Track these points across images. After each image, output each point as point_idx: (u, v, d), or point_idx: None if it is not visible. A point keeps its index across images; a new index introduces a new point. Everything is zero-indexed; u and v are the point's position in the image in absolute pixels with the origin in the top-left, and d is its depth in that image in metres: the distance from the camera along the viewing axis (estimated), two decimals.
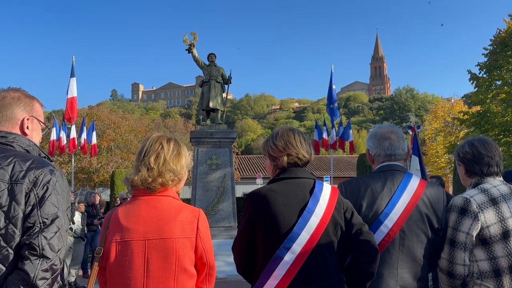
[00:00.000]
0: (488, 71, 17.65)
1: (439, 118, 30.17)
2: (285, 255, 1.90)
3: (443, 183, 6.61)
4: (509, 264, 2.04)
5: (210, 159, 10.20)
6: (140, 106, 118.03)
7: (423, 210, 2.14)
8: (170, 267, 1.77)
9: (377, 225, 2.11)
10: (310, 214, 1.95)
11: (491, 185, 2.18)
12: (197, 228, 1.84)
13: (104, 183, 25.47)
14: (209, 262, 1.87)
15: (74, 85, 12.63)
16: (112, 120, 26.93)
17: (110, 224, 1.86)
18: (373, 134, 2.37)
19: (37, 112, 1.93)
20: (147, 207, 1.83)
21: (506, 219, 2.09)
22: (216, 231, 9.81)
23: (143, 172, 1.85)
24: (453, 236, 2.11)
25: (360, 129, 69.07)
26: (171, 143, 1.94)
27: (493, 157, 2.22)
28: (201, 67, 11.16)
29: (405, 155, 2.33)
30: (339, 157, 33.87)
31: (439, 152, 28.37)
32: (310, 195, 2.01)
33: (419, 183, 2.20)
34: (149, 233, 1.78)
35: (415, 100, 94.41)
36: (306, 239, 1.92)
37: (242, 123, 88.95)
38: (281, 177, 2.06)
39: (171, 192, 1.90)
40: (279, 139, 2.10)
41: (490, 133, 17.25)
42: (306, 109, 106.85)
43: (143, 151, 1.91)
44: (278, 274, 1.90)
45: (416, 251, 2.12)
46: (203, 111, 10.89)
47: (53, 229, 1.61)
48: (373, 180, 2.22)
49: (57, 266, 1.61)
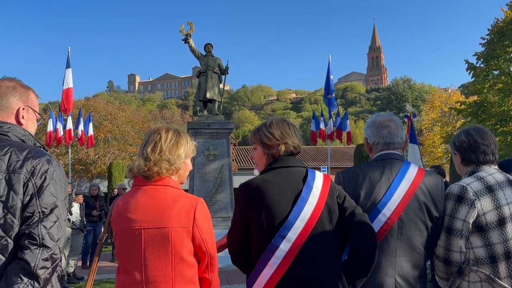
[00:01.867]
0: (485, 61, 17.64)
1: (436, 108, 30.24)
2: (280, 243, 1.91)
3: (442, 172, 6.65)
4: (505, 251, 2.07)
5: (208, 150, 10.19)
6: (136, 97, 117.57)
7: (421, 199, 2.14)
8: (166, 256, 1.78)
9: (375, 214, 2.11)
10: (304, 202, 1.96)
11: (487, 173, 2.20)
12: (194, 218, 1.83)
13: (101, 174, 25.43)
14: (209, 252, 1.87)
15: (70, 76, 12.55)
16: (108, 112, 26.80)
17: (112, 213, 1.90)
18: (372, 123, 2.37)
19: (33, 102, 1.92)
20: (144, 197, 1.85)
21: (502, 206, 2.10)
22: (214, 221, 9.79)
23: (141, 161, 1.87)
24: (450, 224, 2.13)
25: (357, 120, 69.05)
26: (169, 132, 1.95)
27: (488, 145, 2.24)
28: (198, 57, 11.08)
29: (403, 143, 2.33)
30: (336, 148, 33.91)
31: (435, 142, 28.48)
32: (303, 183, 2.02)
33: (417, 171, 2.21)
34: (145, 222, 1.80)
35: (412, 90, 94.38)
36: (301, 227, 1.93)
37: (239, 114, 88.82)
38: (273, 167, 2.06)
39: (170, 181, 1.90)
40: (275, 128, 2.10)
41: (487, 123, 17.29)
42: (303, 100, 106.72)
43: (143, 142, 1.94)
44: (274, 262, 1.91)
45: (415, 240, 2.13)
46: (200, 102, 10.83)
47: (52, 219, 1.61)
48: (371, 169, 2.22)
49: (57, 255, 1.61)
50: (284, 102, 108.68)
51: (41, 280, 1.54)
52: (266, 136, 2.10)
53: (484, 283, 2.06)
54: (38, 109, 1.97)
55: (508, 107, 16.99)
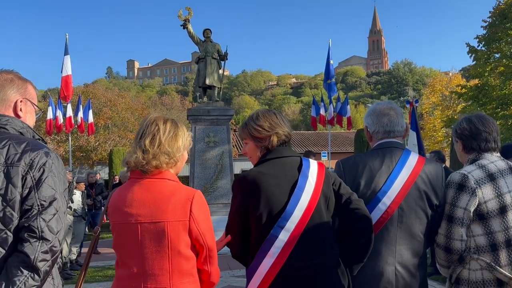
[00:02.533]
0: (486, 44, 17.48)
1: (436, 92, 30.10)
2: (279, 233, 1.92)
3: (442, 157, 6.63)
4: (506, 239, 2.06)
5: (208, 136, 10.18)
6: (136, 83, 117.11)
7: (421, 187, 2.14)
8: (163, 249, 1.76)
9: (375, 203, 2.11)
10: (301, 192, 1.96)
11: (488, 161, 2.18)
12: (190, 211, 1.79)
13: (102, 161, 25.47)
14: (207, 244, 1.84)
15: (69, 63, 12.46)
16: (108, 98, 26.69)
17: (109, 207, 1.88)
18: (372, 111, 2.35)
19: (31, 94, 1.90)
20: (140, 190, 1.82)
21: (503, 194, 2.10)
22: (215, 207, 9.89)
23: (138, 154, 1.82)
24: (451, 212, 2.13)
25: (357, 104, 68.81)
26: (167, 124, 1.90)
27: (490, 132, 2.22)
28: (197, 43, 10.99)
29: (404, 131, 2.32)
30: (336, 133, 33.89)
31: (436, 126, 28.43)
32: (298, 172, 2.01)
33: (417, 159, 2.20)
34: (141, 216, 1.78)
35: (413, 74, 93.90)
36: (299, 216, 1.93)
37: (239, 100, 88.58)
38: (267, 158, 2.05)
39: (168, 174, 1.87)
40: (263, 120, 2.07)
41: (488, 107, 17.22)
42: (303, 84, 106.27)
43: (139, 132, 1.88)
44: (274, 252, 1.91)
45: (415, 228, 2.13)
46: (200, 88, 10.78)
47: (52, 211, 1.61)
48: (371, 158, 2.21)
49: (57, 248, 1.61)
50: (284, 87, 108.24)
51: (41, 272, 1.55)
52: (256, 129, 2.07)
53: (485, 271, 2.06)
54: (36, 102, 1.95)
55: (509, 90, 16.89)
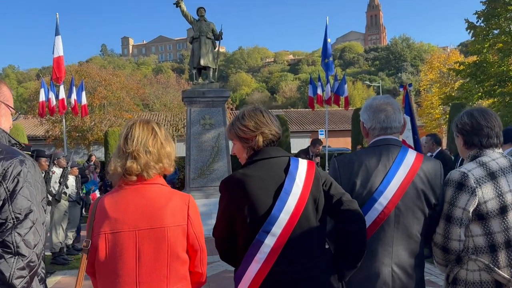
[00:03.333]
0: (485, 20, 17.17)
1: (434, 69, 29.83)
2: (265, 238, 1.85)
3: (438, 140, 6.57)
4: (505, 240, 2.00)
5: (204, 119, 10.05)
6: (131, 61, 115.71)
7: (419, 186, 2.06)
8: (162, 256, 1.73)
9: (371, 203, 2.04)
10: (288, 195, 1.88)
11: (490, 158, 2.10)
12: (188, 215, 1.81)
13: (98, 141, 25.34)
14: (201, 247, 1.86)
15: (60, 44, 12.16)
16: (102, 78, 26.33)
17: (97, 215, 1.77)
18: (368, 106, 2.24)
19: (5, 96, 1.79)
20: (135, 196, 1.76)
21: (504, 194, 2.02)
22: (212, 190, 9.86)
23: (142, 157, 1.76)
24: (449, 212, 2.05)
25: (355, 81, 68.28)
26: (161, 127, 1.88)
27: (493, 128, 2.13)
28: (191, 22, 10.73)
29: (401, 127, 2.23)
30: (334, 111, 33.72)
31: (434, 103, 28.32)
32: (285, 174, 1.93)
33: (415, 157, 2.11)
34: (139, 223, 1.73)
35: (411, 49, 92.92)
36: (286, 220, 1.86)
37: (236, 77, 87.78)
38: (254, 160, 1.97)
39: (159, 179, 1.83)
40: (248, 119, 1.99)
41: (485, 84, 17.08)
42: (300, 61, 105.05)
43: (130, 136, 1.80)
44: (260, 257, 1.86)
45: (412, 228, 2.06)
46: (194, 69, 10.59)
47: (27, 225, 1.51)
48: (367, 156, 2.13)
49: (35, 263, 1.53)
50: (281, 63, 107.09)
51: None
52: (241, 129, 2.00)
53: (483, 272, 2.01)
54: (12, 103, 1.83)
55: (507, 67, 16.71)
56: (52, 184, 7.04)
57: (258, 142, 1.97)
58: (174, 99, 29.44)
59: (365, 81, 61.71)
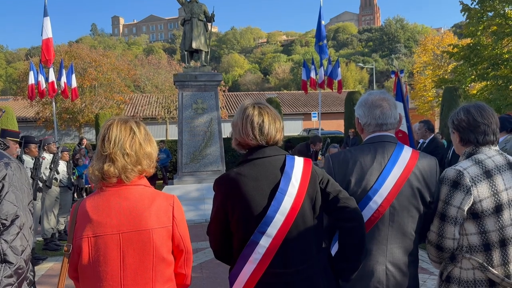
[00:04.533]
0: (480, 2, 17.03)
1: (428, 51, 29.69)
2: (260, 239, 1.82)
3: (431, 127, 6.55)
4: (500, 239, 1.99)
5: (196, 103, 9.95)
6: (121, 40, 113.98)
7: (414, 184, 2.03)
8: (147, 258, 1.69)
9: (366, 201, 2.01)
10: (283, 195, 1.83)
11: (486, 156, 2.07)
12: (173, 216, 1.76)
13: (89, 123, 25.09)
14: (186, 248, 1.83)
15: (49, 25, 11.87)
16: (93, 59, 25.89)
17: (78, 218, 1.71)
18: (363, 102, 2.19)
19: None
20: (118, 199, 1.70)
21: (500, 192, 2.00)
22: (205, 175, 9.84)
23: (120, 160, 1.69)
24: (444, 210, 2.03)
25: (348, 62, 67.97)
26: (141, 126, 1.80)
27: (489, 125, 2.09)
28: (182, 3, 10.52)
29: (397, 123, 2.18)
30: (327, 93, 33.62)
31: (427, 86, 28.28)
32: (281, 174, 1.88)
33: (410, 155, 2.08)
34: (123, 226, 1.67)
35: (405, 30, 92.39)
36: (281, 221, 1.82)
37: (228, 58, 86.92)
38: (249, 158, 1.91)
39: (141, 180, 1.78)
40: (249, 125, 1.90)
41: (479, 67, 17.04)
42: (294, 42, 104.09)
43: (107, 137, 1.72)
44: (255, 258, 1.83)
45: (407, 227, 2.04)
46: (186, 52, 10.42)
47: (14, 231, 1.47)
48: (362, 153, 2.08)
49: (23, 269, 1.49)
50: (274, 44, 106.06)
51: None
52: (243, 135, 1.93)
53: (477, 271, 2.00)
54: None
55: (501, 50, 16.67)
56: (43, 170, 6.96)
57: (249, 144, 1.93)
58: (166, 81, 29.09)
59: (359, 63, 61.48)
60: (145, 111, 31.08)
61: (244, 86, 69.84)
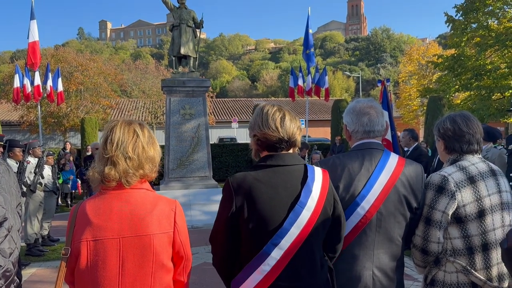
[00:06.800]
0: (464, 14, 17.42)
1: (413, 61, 30.17)
2: (272, 251, 1.77)
3: (415, 136, 6.66)
4: (482, 243, 2.04)
5: (183, 108, 9.94)
6: (108, 45, 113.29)
7: (401, 191, 2.07)
8: (147, 264, 1.66)
9: (354, 207, 2.04)
10: (302, 208, 1.79)
11: (469, 163, 2.13)
12: (174, 222, 1.73)
13: (74, 127, 24.81)
14: (186, 255, 1.79)
15: (35, 29, 11.76)
16: (79, 63, 25.67)
17: (77, 221, 1.67)
18: (351, 109, 2.23)
19: None
20: (119, 202, 1.67)
21: (483, 198, 2.06)
22: (192, 181, 9.81)
23: (121, 163, 1.66)
24: (429, 214, 2.09)
25: (335, 71, 68.63)
26: (145, 128, 1.77)
27: (474, 134, 2.16)
28: (170, 9, 10.53)
29: (383, 131, 2.23)
30: (314, 100, 33.83)
31: (412, 95, 28.70)
32: (301, 186, 1.83)
33: (397, 161, 2.12)
34: (124, 230, 1.64)
35: (391, 40, 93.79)
36: (296, 234, 1.77)
37: (216, 64, 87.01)
38: (268, 164, 1.85)
39: (144, 183, 1.74)
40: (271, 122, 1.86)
41: (462, 77, 17.38)
42: (282, 49, 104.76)
43: (110, 139, 1.70)
44: (264, 269, 1.78)
45: (393, 232, 2.08)
46: (174, 57, 10.41)
47: (2, 233, 1.46)
48: (350, 160, 2.12)
49: (11, 272, 1.48)
50: (262, 51, 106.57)
51: None
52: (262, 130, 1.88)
53: (460, 274, 2.05)
54: None
55: (484, 61, 17.04)
56: (27, 174, 6.86)
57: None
58: (153, 86, 28.99)
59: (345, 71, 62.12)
60: (132, 116, 30.87)
61: (232, 93, 69.88)
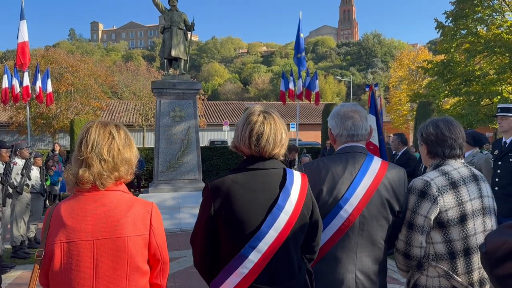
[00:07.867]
0: (454, 20, 17.64)
1: (404, 66, 30.46)
2: (250, 253, 1.77)
3: (405, 140, 6.72)
4: (464, 247, 2.06)
5: (174, 111, 9.91)
6: (100, 46, 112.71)
7: (384, 194, 2.09)
8: (121, 267, 1.64)
9: (337, 210, 2.05)
10: (280, 211, 1.80)
11: (452, 168, 2.15)
12: (150, 224, 1.71)
13: (64, 129, 24.59)
14: (163, 258, 1.77)
15: (25, 29, 11.64)
16: (70, 64, 25.47)
17: (52, 223, 1.65)
18: (336, 113, 2.26)
19: None
20: (94, 204, 1.65)
21: (465, 203, 2.08)
22: (181, 183, 9.77)
23: (95, 165, 1.64)
24: (411, 219, 2.10)
25: (327, 75, 68.98)
26: (121, 130, 1.75)
27: (456, 139, 2.18)
28: (162, 11, 10.52)
29: (367, 135, 2.25)
30: (305, 104, 34.01)
31: (402, 100, 28.95)
32: (279, 189, 1.84)
33: (380, 165, 2.14)
34: (98, 232, 1.62)
35: (382, 45, 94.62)
36: (274, 237, 1.78)
37: (208, 67, 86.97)
38: (247, 168, 1.85)
39: (119, 185, 1.73)
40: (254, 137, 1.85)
41: (452, 83, 17.58)
42: (274, 53, 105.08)
43: (85, 141, 1.68)
44: (241, 272, 1.78)
45: (376, 235, 2.09)
46: (165, 60, 10.39)
47: None
48: (334, 163, 2.14)
49: None
50: (254, 55, 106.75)
51: None
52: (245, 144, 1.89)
53: (442, 279, 2.07)
54: None
55: (473, 67, 17.25)
56: (14, 176, 6.79)
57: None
58: (144, 88, 28.86)
59: (337, 76, 62.45)
60: (122, 118, 30.69)
61: (223, 96, 69.86)
